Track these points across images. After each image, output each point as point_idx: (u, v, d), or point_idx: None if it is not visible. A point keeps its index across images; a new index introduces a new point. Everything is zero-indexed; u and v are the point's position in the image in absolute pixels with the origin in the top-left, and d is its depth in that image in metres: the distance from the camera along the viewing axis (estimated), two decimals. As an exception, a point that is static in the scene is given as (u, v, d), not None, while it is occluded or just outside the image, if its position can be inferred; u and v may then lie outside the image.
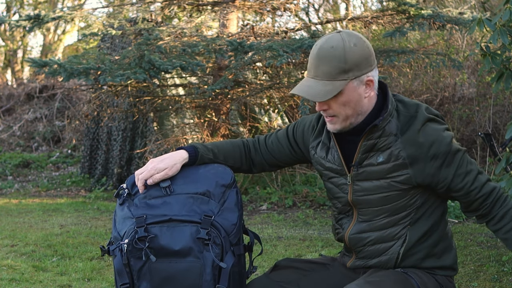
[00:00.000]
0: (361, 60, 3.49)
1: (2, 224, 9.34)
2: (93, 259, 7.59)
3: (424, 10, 10.77)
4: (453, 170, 3.63)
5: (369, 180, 3.72)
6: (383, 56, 10.69)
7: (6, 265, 7.33)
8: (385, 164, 3.65)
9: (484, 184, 3.69)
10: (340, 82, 3.47)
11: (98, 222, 9.48)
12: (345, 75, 3.46)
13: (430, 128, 3.62)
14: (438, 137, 3.61)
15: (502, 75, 7.36)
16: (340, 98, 3.51)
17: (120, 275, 3.64)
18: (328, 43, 3.48)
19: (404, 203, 3.71)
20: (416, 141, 3.61)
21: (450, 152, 3.61)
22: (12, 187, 13.00)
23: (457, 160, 3.63)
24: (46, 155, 15.73)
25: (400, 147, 3.61)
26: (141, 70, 9.22)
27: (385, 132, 3.61)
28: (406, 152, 3.60)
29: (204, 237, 3.58)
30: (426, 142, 3.60)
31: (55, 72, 9.31)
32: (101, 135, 13.05)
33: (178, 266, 3.63)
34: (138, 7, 12.51)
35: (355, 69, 3.47)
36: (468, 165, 3.67)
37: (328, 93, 3.48)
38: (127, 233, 3.62)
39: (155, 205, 3.70)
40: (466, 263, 7.00)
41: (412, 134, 3.61)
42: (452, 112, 12.64)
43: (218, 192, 3.74)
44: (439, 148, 3.60)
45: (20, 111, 18.77)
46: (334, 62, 3.44)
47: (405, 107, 3.70)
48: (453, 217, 8.83)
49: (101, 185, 12.48)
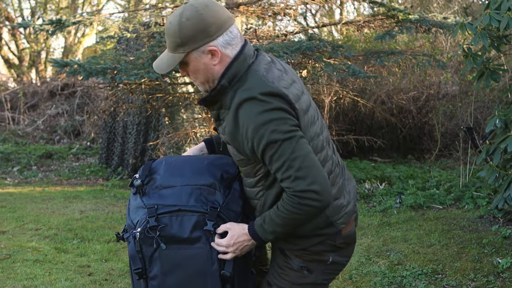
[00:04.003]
0: (195, 33, 3.48)
1: (27, 210, 9.35)
2: (110, 242, 7.59)
3: (412, 15, 10.76)
4: (265, 155, 3.50)
5: (227, 144, 3.79)
6: (374, 57, 10.68)
7: (31, 247, 7.35)
8: (224, 136, 3.69)
9: (283, 179, 3.52)
10: (179, 54, 3.53)
11: (114, 208, 9.48)
12: (182, 48, 3.50)
13: (244, 108, 3.50)
14: (246, 115, 3.49)
15: (483, 74, 7.38)
16: (189, 67, 3.57)
17: (134, 260, 3.66)
18: (169, 19, 3.54)
19: (252, 169, 3.72)
20: (234, 119, 3.54)
21: (261, 137, 3.44)
22: (36, 176, 13.01)
23: (267, 146, 3.45)
24: (67, 147, 15.73)
25: (226, 123, 3.59)
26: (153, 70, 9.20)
27: (224, 105, 3.62)
28: (227, 128, 3.58)
29: (210, 229, 3.60)
30: (240, 120, 3.51)
31: (75, 71, 9.31)
32: (117, 128, 13.04)
33: (186, 252, 3.64)
34: (151, 12, 12.52)
35: (190, 43, 3.48)
36: (278, 153, 3.48)
37: (169, 66, 3.57)
38: (140, 222, 3.63)
39: (165, 195, 3.70)
40: (450, 245, 7.00)
41: (232, 112, 3.55)
42: (437, 108, 12.64)
43: (224, 184, 3.75)
44: (249, 129, 3.47)
45: (43, 107, 18.77)
46: (171, 38, 3.51)
47: (244, 81, 3.60)
48: (437, 204, 8.82)
49: (117, 174, 12.49)
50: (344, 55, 10.21)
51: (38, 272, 6.39)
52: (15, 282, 6.09)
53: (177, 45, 3.48)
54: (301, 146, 3.43)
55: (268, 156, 3.45)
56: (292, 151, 3.40)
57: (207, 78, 3.61)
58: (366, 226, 8.04)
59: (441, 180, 9.92)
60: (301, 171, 3.40)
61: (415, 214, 8.43)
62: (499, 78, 7.40)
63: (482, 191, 8.84)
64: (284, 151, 3.41)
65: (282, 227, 3.62)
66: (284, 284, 3.85)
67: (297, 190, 3.42)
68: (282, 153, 3.42)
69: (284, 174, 3.44)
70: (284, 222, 3.59)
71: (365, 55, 10.88)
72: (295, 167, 3.41)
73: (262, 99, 3.47)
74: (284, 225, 3.61)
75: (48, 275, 6.30)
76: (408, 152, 13.05)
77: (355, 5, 17.06)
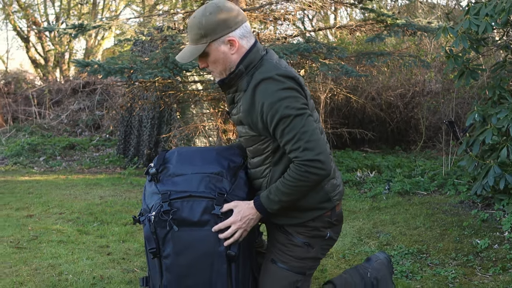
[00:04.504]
0: (217, 25, 3.61)
1: (52, 195, 9.34)
2: (127, 225, 7.59)
3: (399, 20, 10.75)
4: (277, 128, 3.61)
5: (237, 126, 3.89)
6: (365, 58, 10.67)
7: (55, 229, 7.35)
8: (237, 115, 3.78)
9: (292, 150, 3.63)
10: (202, 45, 3.64)
11: (131, 194, 9.48)
12: (204, 39, 3.63)
13: (262, 87, 3.63)
14: (264, 93, 3.62)
15: (463, 74, 7.38)
16: (209, 58, 3.70)
17: (149, 241, 3.70)
18: (193, 15, 3.66)
19: (261, 146, 3.79)
20: (251, 95, 3.66)
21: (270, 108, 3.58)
22: (60, 165, 13.00)
23: (281, 120, 3.58)
24: (88, 139, 15.71)
25: (242, 102, 3.71)
26: (166, 69, 9.20)
27: (239, 88, 3.76)
28: (243, 107, 3.69)
29: (218, 213, 3.64)
30: (257, 99, 3.64)
31: (95, 71, 9.30)
32: (133, 122, 13.03)
33: (196, 234, 3.67)
34: (164, 18, 12.51)
35: (212, 33, 3.61)
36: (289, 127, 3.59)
37: (191, 55, 3.68)
38: (154, 206, 3.67)
39: (177, 182, 3.75)
40: (433, 227, 6.99)
41: (249, 91, 3.67)
42: (421, 103, 12.63)
43: (230, 172, 3.78)
44: (262, 104, 3.60)
45: (67, 102, 18.76)
46: (195, 30, 3.63)
47: (260, 66, 3.75)
48: (422, 190, 8.81)
49: (133, 163, 12.48)
50: (338, 56, 10.20)
51: (62, 252, 6.39)
52: (41, 260, 6.09)
53: (200, 36, 3.61)
54: (309, 122, 3.55)
55: (281, 129, 3.57)
56: (302, 125, 3.53)
57: (225, 67, 3.73)
58: (358, 210, 8.03)
59: (426, 169, 9.91)
60: (309, 143, 3.52)
61: (402, 200, 8.43)
62: (478, 77, 7.41)
63: (462, 178, 8.83)
64: (296, 125, 3.54)
65: (288, 196, 3.68)
66: (288, 259, 3.89)
67: (305, 159, 3.54)
68: (293, 127, 3.54)
69: (294, 145, 3.56)
70: (290, 190, 3.65)
71: (357, 56, 10.87)
72: (305, 139, 3.52)
73: (277, 79, 3.61)
74: (289, 194, 3.67)
75: (71, 255, 6.30)
76: (396, 144, 13.04)
77: (348, 11, 17.03)
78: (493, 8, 6.55)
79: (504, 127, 6.54)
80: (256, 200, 3.76)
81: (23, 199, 9.14)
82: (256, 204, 3.75)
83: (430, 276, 5.54)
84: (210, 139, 11.71)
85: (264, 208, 3.74)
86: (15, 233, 7.21)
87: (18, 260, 6.12)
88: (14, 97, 19.72)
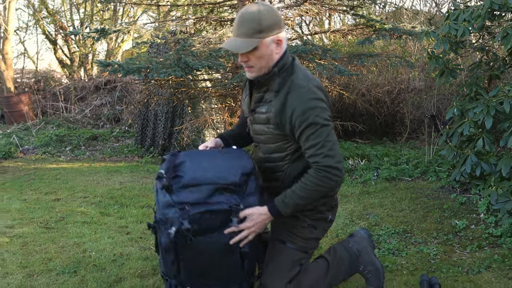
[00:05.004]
0: (273, 23, 3.55)
1: (77, 181, 9.35)
2: (144, 207, 7.60)
3: (386, 25, 10.74)
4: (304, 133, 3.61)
5: (258, 124, 3.84)
6: (356, 58, 10.67)
7: (80, 212, 7.36)
8: (264, 114, 3.74)
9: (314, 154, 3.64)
10: (256, 39, 3.55)
11: (147, 180, 9.48)
12: (259, 35, 3.54)
13: (296, 90, 3.61)
14: (298, 99, 3.60)
15: (443, 73, 7.37)
16: (256, 53, 3.60)
17: (168, 251, 3.62)
18: (248, 10, 3.55)
19: (280, 145, 3.80)
20: (284, 99, 3.63)
21: (302, 114, 3.57)
22: (84, 154, 13.00)
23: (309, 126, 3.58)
24: (109, 131, 15.70)
25: (273, 102, 3.67)
26: (179, 69, 9.19)
27: (270, 88, 3.71)
28: (275, 107, 3.65)
29: (235, 225, 3.59)
30: (290, 102, 3.61)
31: (116, 70, 9.30)
32: (149, 116, 13.01)
33: (214, 239, 3.60)
34: (177, 23, 12.49)
35: (268, 30, 3.54)
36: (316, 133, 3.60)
37: (246, 47, 3.55)
38: (173, 221, 3.56)
39: (192, 194, 3.60)
40: (417, 210, 6.99)
41: (282, 95, 3.64)
42: (406, 99, 12.61)
43: (242, 181, 3.67)
44: (295, 109, 3.58)
45: (90, 98, 18.75)
46: (251, 24, 3.52)
47: (291, 72, 3.72)
48: (407, 176, 8.80)
49: (150, 153, 12.48)
50: (332, 57, 10.18)
51: (86, 232, 6.40)
52: (67, 239, 6.10)
53: (256, 31, 3.53)
54: (333, 134, 3.61)
55: (307, 134, 3.57)
56: (327, 135, 3.56)
57: (266, 64, 3.67)
58: (349, 195, 8.03)
59: (410, 158, 9.90)
60: (331, 151, 3.56)
61: (389, 185, 8.42)
62: (457, 75, 7.41)
63: (443, 166, 8.82)
64: (322, 133, 3.56)
65: (304, 200, 3.70)
66: (297, 240, 3.96)
67: (326, 165, 3.57)
68: (319, 135, 3.56)
69: (318, 151, 3.57)
70: (307, 194, 3.66)
71: (348, 57, 10.85)
72: (327, 147, 3.56)
73: (311, 89, 3.62)
74: (306, 198, 3.69)
75: (94, 234, 6.31)
76: (384, 135, 13.02)
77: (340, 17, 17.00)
78: (470, 14, 6.54)
79: (480, 120, 6.54)
80: (271, 206, 3.74)
81: (51, 185, 9.15)
82: (271, 210, 3.74)
83: (414, 253, 5.55)
84: (218, 131, 11.70)
85: (279, 212, 3.75)
86: (44, 215, 7.22)
87: (47, 239, 6.13)
88: (43, 93, 19.72)
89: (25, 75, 22.35)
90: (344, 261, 4.34)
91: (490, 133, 6.78)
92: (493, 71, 7.37)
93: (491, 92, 6.74)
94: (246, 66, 3.72)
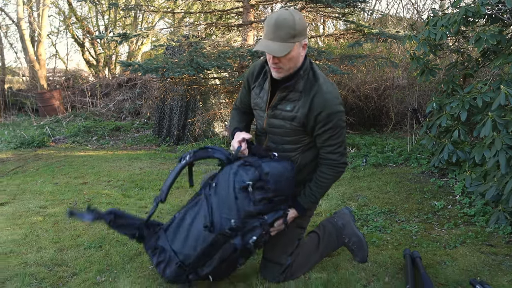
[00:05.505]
0: (303, 29, 3.52)
1: (102, 167, 9.35)
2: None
3: (374, 30, 10.71)
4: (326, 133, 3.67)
5: (277, 119, 3.79)
6: (347, 59, 10.65)
7: (104, 194, 7.36)
8: (290, 112, 3.72)
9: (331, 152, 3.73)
10: (291, 44, 3.50)
11: (164, 166, 9.48)
12: (294, 39, 3.49)
13: (323, 95, 3.61)
14: (326, 103, 3.60)
15: (424, 72, 7.36)
16: (288, 55, 3.54)
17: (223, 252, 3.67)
18: (283, 16, 3.46)
19: (297, 138, 3.80)
20: (312, 101, 3.63)
21: (328, 117, 3.61)
22: (108, 143, 13.00)
23: (332, 128, 3.64)
24: (130, 123, 15.70)
25: (301, 103, 3.66)
26: (191, 68, 9.18)
27: (295, 89, 3.68)
28: (303, 108, 3.65)
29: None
30: (317, 105, 3.61)
31: (136, 69, 9.28)
32: (165, 110, 13.00)
33: None
34: (189, 28, 12.49)
35: (299, 35, 3.50)
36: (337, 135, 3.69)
37: (284, 51, 3.49)
38: (255, 231, 3.64)
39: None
40: (400, 192, 6.98)
41: (309, 97, 3.64)
42: (391, 95, 12.58)
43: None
44: (322, 111, 3.61)
45: (113, 94, 18.75)
46: (287, 30, 3.44)
47: (313, 76, 3.71)
48: (392, 163, 8.79)
49: (166, 142, 12.47)
50: (326, 58, 10.16)
51: (110, 211, 6.41)
52: (94, 218, 6.10)
53: (291, 36, 3.47)
54: (345, 134, 3.73)
55: (329, 135, 3.65)
56: (344, 136, 3.70)
57: (294, 65, 3.64)
58: (341, 179, 8.01)
59: (394, 146, 9.88)
60: (345, 150, 3.73)
61: (376, 170, 8.41)
62: (435, 74, 7.39)
63: (423, 154, 8.81)
64: (341, 134, 3.67)
65: (322, 193, 3.88)
66: (296, 218, 4.06)
67: (341, 162, 3.74)
68: (339, 136, 3.67)
69: (337, 150, 3.69)
70: (325, 189, 3.84)
71: (340, 58, 10.82)
72: (343, 147, 3.71)
73: (336, 95, 3.67)
74: (323, 192, 3.87)
75: (117, 213, 6.32)
76: (371, 127, 12.99)
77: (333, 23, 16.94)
78: (447, 21, 6.53)
79: (456, 113, 6.55)
80: (299, 207, 3.91)
81: (79, 170, 9.15)
82: (298, 210, 3.92)
83: (398, 230, 5.54)
84: (225, 123, 11.70)
85: (305, 209, 3.93)
86: (73, 197, 7.22)
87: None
88: (72, 90, 19.74)
89: (56, 74, 22.39)
90: (332, 235, 4.53)
91: (464, 124, 6.81)
92: (468, 70, 7.37)
93: (465, 89, 6.75)
94: (275, 67, 3.65)
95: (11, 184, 8.15)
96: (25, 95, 20.02)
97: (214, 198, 3.65)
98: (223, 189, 3.64)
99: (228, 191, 3.60)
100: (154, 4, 17.03)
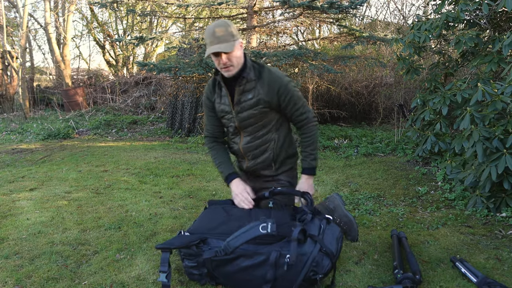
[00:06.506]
0: (236, 31, 3.63)
1: (121, 156, 9.35)
2: (173, 177, 7.59)
3: (364, 33, 10.69)
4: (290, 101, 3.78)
5: (245, 111, 3.81)
6: (340, 60, 10.64)
7: (123, 180, 7.35)
8: (252, 99, 3.76)
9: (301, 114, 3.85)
10: (233, 41, 3.59)
11: (176, 155, 9.47)
12: (234, 38, 3.59)
13: (273, 74, 3.74)
14: (278, 79, 3.72)
15: (409, 71, 7.35)
16: (233, 53, 3.62)
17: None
18: (218, 24, 3.57)
19: (269, 119, 3.84)
20: (267, 82, 3.72)
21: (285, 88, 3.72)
22: (126, 135, 13.00)
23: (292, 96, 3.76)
24: (146, 117, 15.69)
25: (259, 87, 3.73)
26: (201, 68, 9.17)
27: (248, 79, 3.73)
28: (262, 89, 3.72)
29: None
30: (272, 83, 3.71)
31: (151, 69, 9.28)
32: (178, 105, 12.99)
33: None
34: (199, 32, 12.45)
35: (236, 35, 3.61)
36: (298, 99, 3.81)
37: (231, 47, 3.57)
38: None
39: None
40: (388, 179, 6.97)
41: (264, 78, 3.73)
42: (380, 92, 12.56)
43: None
44: (279, 86, 3.71)
45: (131, 91, 18.74)
46: (226, 32, 3.55)
47: (258, 65, 3.82)
48: (380, 152, 8.78)
49: (178, 134, 12.47)
50: (321, 58, 10.15)
51: (128, 196, 6.40)
52: (113, 202, 6.10)
53: (231, 35, 3.58)
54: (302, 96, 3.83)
55: (293, 102, 3.78)
56: (302, 97, 3.85)
57: (240, 61, 3.71)
58: (335, 167, 8.01)
59: (383, 138, 9.87)
60: (309, 108, 3.90)
61: (366, 159, 8.40)
62: (419, 73, 7.39)
63: (409, 144, 8.79)
64: (300, 98, 3.82)
65: (315, 149, 3.94)
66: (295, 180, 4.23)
67: (311, 117, 3.87)
68: (299, 99, 3.82)
69: (303, 110, 3.83)
70: (315, 144, 3.92)
71: (334, 59, 10.80)
72: (306, 106, 3.87)
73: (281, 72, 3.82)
74: (315, 146, 3.93)
75: (134, 198, 6.31)
76: (362, 120, 12.98)
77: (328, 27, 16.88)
78: (430, 25, 6.52)
79: (438, 108, 6.56)
80: (307, 171, 3.94)
81: (101, 159, 9.15)
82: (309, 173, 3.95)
83: (386, 213, 5.53)
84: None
85: (314, 170, 3.96)
86: (94, 183, 7.22)
87: (97, 202, 6.13)
88: (94, 87, 19.75)
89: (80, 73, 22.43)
90: None
91: (446, 118, 6.81)
92: (448, 70, 7.35)
93: (446, 86, 6.73)
94: (225, 67, 3.67)
95: (39, 172, 8.16)
96: (51, 92, 20.06)
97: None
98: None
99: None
100: (167, 11, 17.00)
